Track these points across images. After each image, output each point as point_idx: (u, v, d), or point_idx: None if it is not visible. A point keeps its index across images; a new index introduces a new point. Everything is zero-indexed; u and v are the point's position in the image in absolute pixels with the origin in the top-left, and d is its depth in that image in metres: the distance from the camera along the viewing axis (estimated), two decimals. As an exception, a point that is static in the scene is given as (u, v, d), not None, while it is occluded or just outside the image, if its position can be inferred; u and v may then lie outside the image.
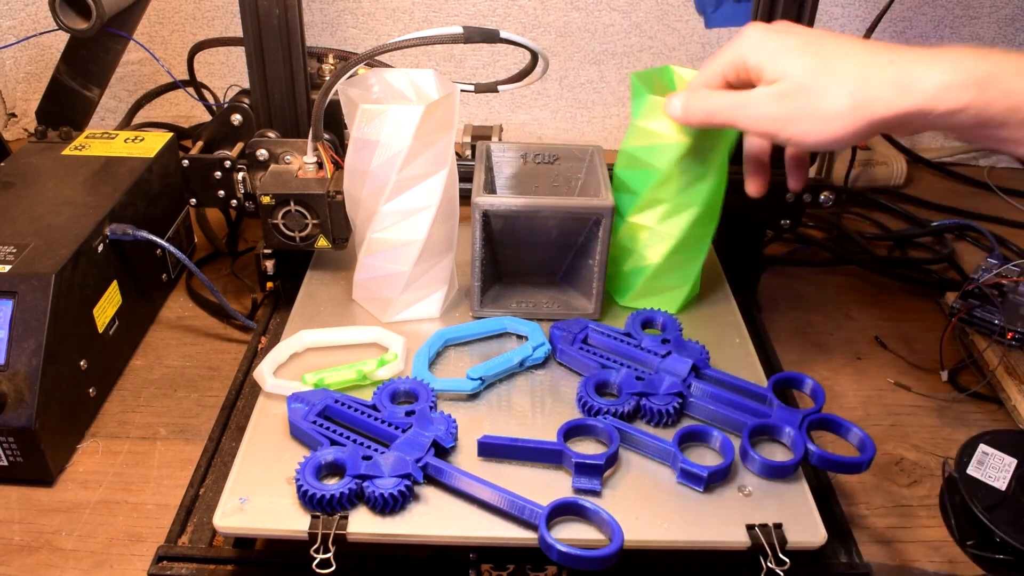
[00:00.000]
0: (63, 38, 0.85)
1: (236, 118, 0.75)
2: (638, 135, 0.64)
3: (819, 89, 0.48)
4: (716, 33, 1.12)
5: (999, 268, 0.78)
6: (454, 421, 0.56)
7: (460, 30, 0.63)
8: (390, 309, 0.67)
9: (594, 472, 0.52)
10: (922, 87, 0.46)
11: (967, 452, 0.61)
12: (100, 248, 0.69)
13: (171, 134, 0.86)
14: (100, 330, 0.69)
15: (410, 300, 0.67)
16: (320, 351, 0.65)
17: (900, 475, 0.65)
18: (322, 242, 0.70)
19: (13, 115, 1.16)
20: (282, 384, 0.60)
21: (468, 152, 0.91)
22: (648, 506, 0.52)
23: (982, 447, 0.61)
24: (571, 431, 0.56)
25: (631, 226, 0.67)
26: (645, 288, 0.69)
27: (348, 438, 0.54)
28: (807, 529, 0.51)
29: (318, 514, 0.50)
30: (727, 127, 0.55)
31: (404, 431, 0.54)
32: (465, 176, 0.67)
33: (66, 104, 0.88)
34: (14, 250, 0.64)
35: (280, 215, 0.69)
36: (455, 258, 0.69)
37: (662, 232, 0.66)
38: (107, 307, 0.70)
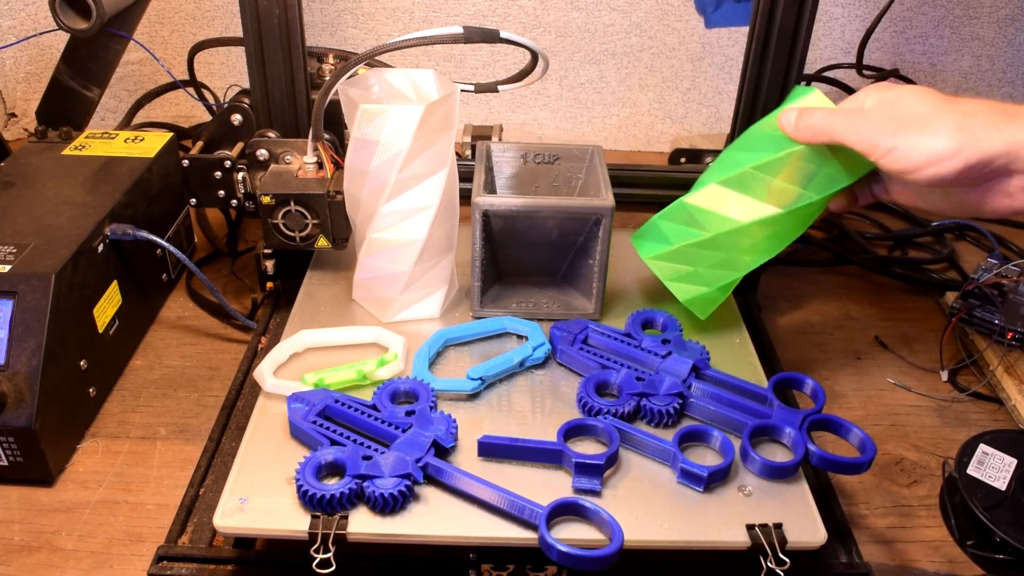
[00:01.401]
0: (63, 38, 0.85)
1: (236, 118, 0.75)
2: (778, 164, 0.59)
3: (931, 115, 0.50)
4: (716, 33, 1.12)
5: (999, 268, 0.78)
6: (454, 421, 0.56)
7: (460, 30, 0.63)
8: (390, 309, 0.67)
9: (594, 472, 0.52)
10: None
11: (967, 452, 0.61)
12: (100, 248, 0.69)
13: (171, 134, 0.86)
14: (100, 330, 0.69)
15: (410, 300, 0.67)
16: (320, 351, 0.65)
17: (900, 475, 0.65)
18: (322, 242, 0.70)
19: (13, 115, 1.16)
20: (282, 384, 0.60)
21: (468, 152, 0.91)
22: (648, 506, 0.52)
23: (982, 447, 0.61)
24: (571, 431, 0.56)
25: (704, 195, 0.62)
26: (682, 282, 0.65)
27: (348, 438, 0.54)
28: (807, 529, 0.51)
29: (318, 514, 0.50)
30: (832, 143, 0.55)
31: (404, 431, 0.54)
32: (465, 176, 0.67)
33: (66, 104, 0.88)
34: (14, 250, 0.64)
35: (280, 215, 0.69)
36: (455, 258, 0.69)
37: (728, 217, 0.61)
38: (107, 307, 0.70)
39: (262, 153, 0.71)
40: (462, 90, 0.65)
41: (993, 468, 0.60)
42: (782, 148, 0.58)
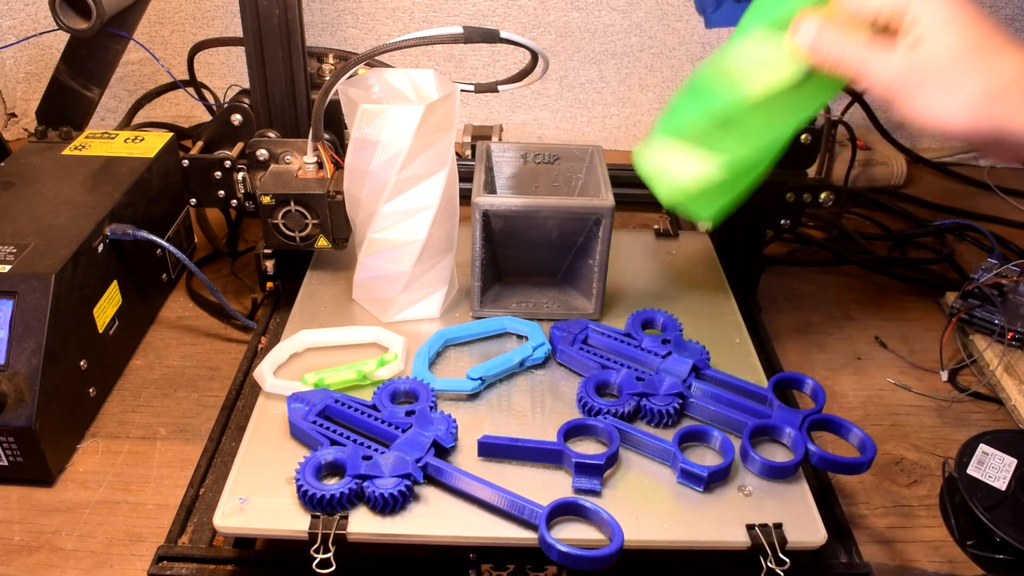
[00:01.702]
0: (63, 38, 0.85)
1: (236, 118, 0.75)
2: (755, 45, 0.53)
3: (962, 71, 0.46)
4: (716, 33, 1.12)
5: (999, 268, 0.78)
6: (454, 421, 0.56)
7: (460, 30, 0.63)
8: (390, 309, 0.67)
9: (594, 472, 0.52)
10: None
11: (967, 452, 0.61)
12: (100, 248, 0.69)
13: (171, 134, 0.86)
14: (100, 330, 0.69)
15: (410, 300, 0.67)
16: (320, 351, 0.65)
17: (900, 475, 0.65)
18: (322, 242, 0.70)
19: (13, 115, 1.16)
20: (282, 384, 0.60)
21: (468, 152, 0.91)
22: (648, 506, 0.52)
23: (982, 447, 0.61)
24: (571, 431, 0.56)
25: (687, 127, 0.57)
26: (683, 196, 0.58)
27: (348, 438, 0.54)
28: (807, 529, 0.51)
29: (318, 514, 0.50)
30: (849, 77, 0.50)
31: (404, 431, 0.54)
32: (465, 176, 0.67)
33: (66, 104, 0.88)
34: (14, 250, 0.64)
35: (280, 215, 0.69)
36: (455, 258, 0.69)
37: (716, 146, 0.56)
38: (107, 307, 0.70)
39: (262, 153, 0.71)
40: (462, 90, 0.65)
41: (993, 468, 0.60)
42: (763, 83, 0.53)
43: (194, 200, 0.74)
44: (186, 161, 0.72)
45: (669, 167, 0.58)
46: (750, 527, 0.51)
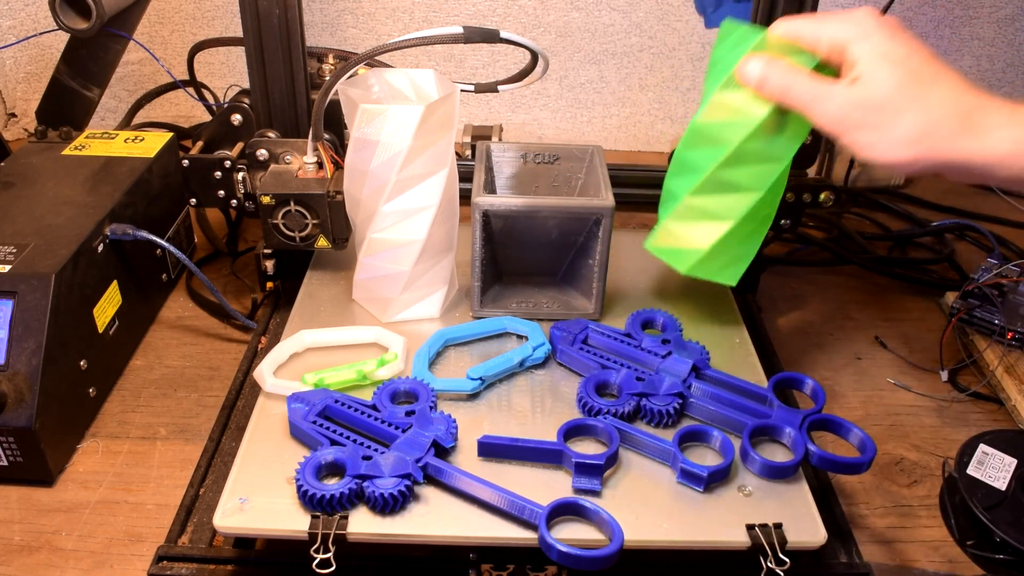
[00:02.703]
0: (63, 38, 0.85)
1: (236, 118, 0.75)
2: (714, 108, 0.59)
3: (898, 110, 0.48)
4: (716, 33, 1.12)
5: (999, 268, 0.78)
6: (454, 421, 0.56)
7: (460, 30, 0.63)
8: (390, 309, 0.67)
9: (594, 472, 0.52)
10: (995, 138, 0.46)
11: (967, 452, 0.61)
12: (100, 248, 0.69)
13: (171, 134, 0.86)
14: (100, 330, 0.69)
15: (410, 300, 0.67)
16: (320, 351, 0.65)
17: (900, 475, 0.65)
18: (322, 242, 0.70)
19: (13, 115, 1.16)
20: (282, 384, 0.60)
21: (468, 152, 0.91)
22: (648, 506, 0.52)
23: (982, 447, 0.61)
24: (571, 431, 0.56)
25: (688, 207, 0.62)
26: (698, 267, 0.64)
27: (348, 438, 0.54)
28: (807, 529, 0.51)
29: (318, 514, 0.50)
30: (795, 110, 0.53)
31: (404, 431, 0.54)
32: (465, 176, 0.67)
33: (66, 104, 0.88)
34: (14, 250, 0.64)
35: (280, 215, 0.69)
36: (455, 258, 0.69)
37: (719, 214, 0.61)
38: (107, 307, 0.70)
39: (262, 153, 0.71)
40: (462, 90, 0.65)
41: (993, 468, 0.60)
42: (735, 137, 0.58)
43: (194, 200, 0.74)
44: (186, 161, 0.72)
45: (680, 244, 0.63)
46: (750, 527, 0.51)
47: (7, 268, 0.63)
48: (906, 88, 0.48)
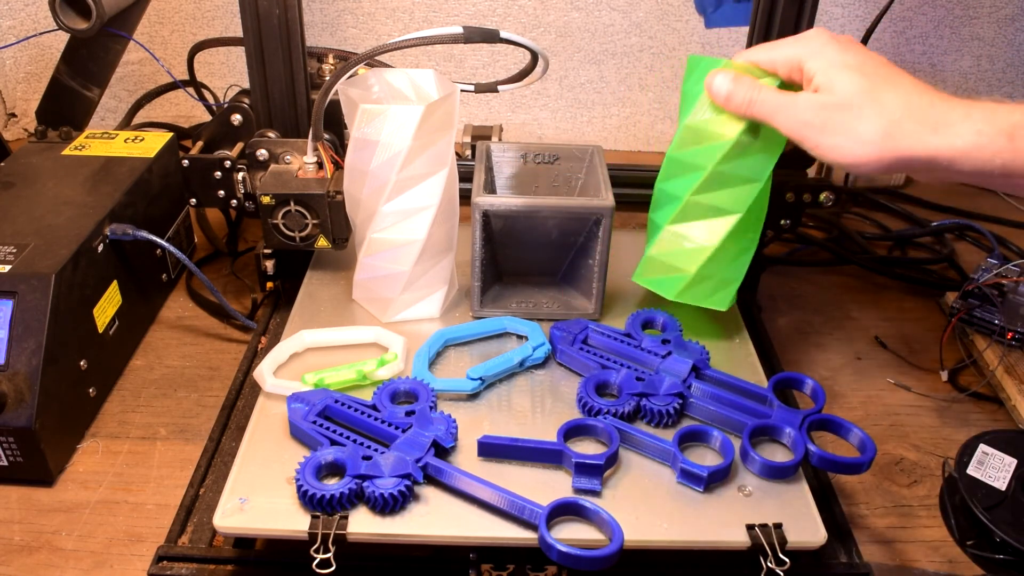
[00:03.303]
0: (63, 38, 0.85)
1: (236, 118, 0.75)
2: (685, 138, 0.61)
3: (859, 111, 0.50)
4: (716, 33, 1.12)
5: (999, 268, 0.78)
6: (454, 421, 0.56)
7: (460, 30, 0.63)
8: (390, 309, 0.67)
9: (594, 472, 0.52)
10: (955, 132, 0.47)
11: (967, 452, 0.61)
12: (100, 248, 0.69)
13: (171, 134, 0.86)
14: (100, 330, 0.69)
15: (410, 300, 0.67)
16: (320, 351, 0.65)
17: (900, 475, 0.65)
18: (322, 242, 0.70)
19: (13, 115, 1.16)
20: (282, 384, 0.60)
21: (468, 152, 0.91)
22: (648, 506, 0.52)
23: (982, 447, 0.61)
24: (571, 431, 0.56)
25: (670, 235, 0.64)
26: (686, 292, 0.65)
27: (348, 438, 0.54)
28: (807, 529, 0.51)
29: (318, 514, 0.50)
30: (762, 121, 0.55)
31: (404, 431, 0.54)
32: (465, 176, 0.67)
33: (66, 104, 0.88)
34: (14, 250, 0.64)
35: (280, 215, 0.69)
36: (455, 258, 0.69)
37: (701, 242, 0.63)
38: (107, 307, 0.70)
39: (262, 153, 0.71)
40: (462, 90, 0.65)
41: (993, 468, 0.60)
42: (709, 161, 0.60)
43: (194, 200, 0.74)
44: (186, 161, 0.72)
45: (666, 273, 0.65)
46: (750, 527, 0.51)
47: (7, 268, 0.63)
48: (865, 90, 0.50)
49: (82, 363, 0.66)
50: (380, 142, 0.60)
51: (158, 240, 0.72)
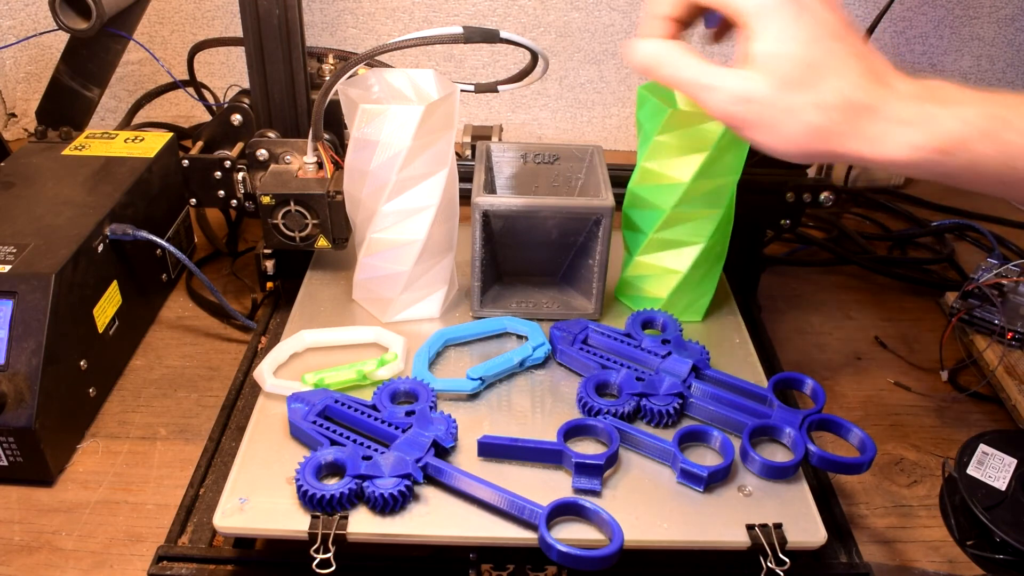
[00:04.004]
0: (63, 38, 0.85)
1: (236, 118, 0.75)
2: (643, 175, 0.64)
3: (789, 106, 0.45)
4: (716, 33, 1.12)
5: (999, 268, 0.78)
6: (454, 421, 0.56)
7: (460, 30, 0.63)
8: (390, 309, 0.67)
9: (594, 472, 0.52)
10: (888, 148, 0.44)
11: (967, 452, 0.61)
12: (100, 248, 0.69)
13: (171, 134, 0.86)
14: (100, 330, 0.69)
15: (410, 300, 0.67)
16: (320, 351, 0.65)
17: (900, 475, 0.65)
18: (322, 242, 0.70)
19: (13, 115, 1.16)
20: (282, 384, 0.60)
21: (468, 152, 0.91)
22: (648, 506, 0.52)
23: (982, 447, 0.61)
24: (571, 431, 0.56)
25: (639, 264, 0.68)
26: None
27: (348, 438, 0.54)
28: (807, 529, 0.51)
29: (318, 514, 0.50)
30: (691, 97, 0.49)
31: (404, 431, 0.54)
32: (465, 176, 0.67)
33: (66, 104, 0.88)
34: (14, 250, 0.64)
35: (280, 215, 0.69)
36: (455, 258, 0.69)
37: (669, 269, 0.67)
38: (107, 307, 0.70)
39: (262, 153, 0.71)
40: (462, 90, 0.65)
41: (993, 468, 0.60)
42: (667, 203, 0.63)
43: (194, 200, 0.74)
44: (186, 161, 0.72)
45: (641, 293, 0.69)
46: (750, 527, 0.51)
47: (7, 268, 0.63)
48: (798, 81, 0.44)
49: (82, 363, 0.66)
50: (380, 142, 0.59)
51: (158, 240, 0.72)
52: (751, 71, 0.45)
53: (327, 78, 0.68)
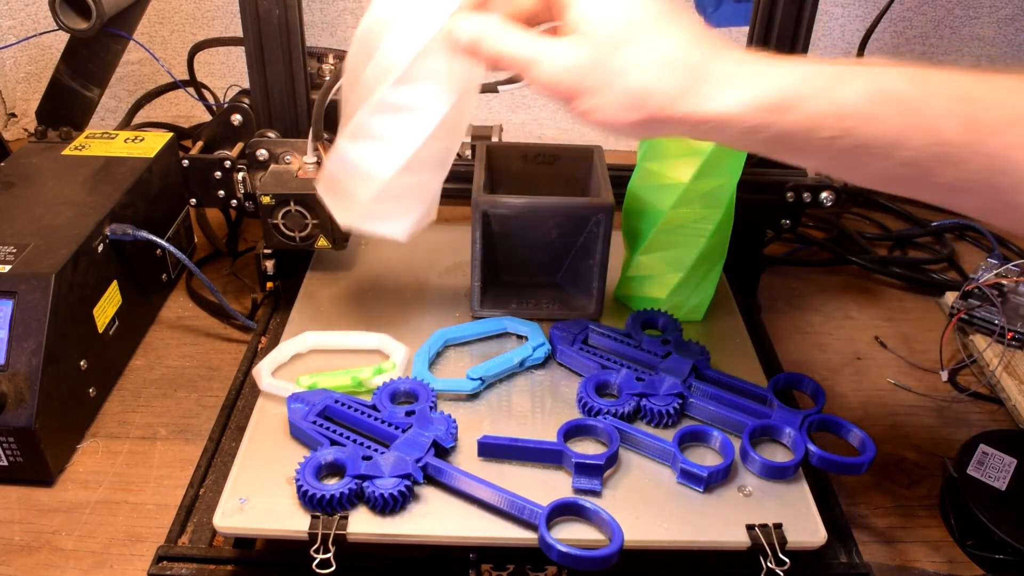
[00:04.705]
0: (63, 38, 0.85)
1: (236, 118, 0.75)
2: (643, 175, 0.65)
3: (615, 68, 0.42)
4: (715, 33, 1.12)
5: (999, 268, 0.78)
6: (454, 421, 0.56)
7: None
8: (353, 212, 0.57)
9: (594, 472, 0.52)
10: (719, 105, 0.42)
11: (967, 452, 0.61)
12: (100, 248, 0.69)
13: (171, 134, 0.86)
14: (100, 330, 0.69)
15: (378, 212, 0.57)
16: (321, 354, 0.65)
17: (900, 475, 0.65)
18: (322, 242, 0.70)
19: (13, 115, 1.16)
20: (277, 384, 0.60)
21: (468, 152, 0.91)
22: (648, 506, 0.52)
23: (982, 447, 0.61)
24: (571, 431, 0.56)
25: (639, 263, 0.68)
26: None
27: (348, 438, 0.54)
28: (807, 529, 0.51)
29: (318, 514, 0.50)
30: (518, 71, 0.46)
31: (404, 431, 0.54)
32: (465, 176, 0.67)
33: (66, 104, 0.88)
34: (14, 250, 0.64)
35: (280, 215, 0.69)
36: (443, 186, 0.59)
37: (669, 269, 0.67)
38: (107, 307, 0.70)
39: (262, 153, 0.71)
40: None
41: (993, 468, 0.60)
42: (665, 204, 0.63)
43: (194, 200, 0.74)
44: (186, 161, 0.72)
45: (641, 293, 0.69)
46: (750, 527, 0.51)
47: (7, 268, 0.63)
48: (623, 42, 0.42)
49: (82, 363, 0.66)
50: (408, 11, 0.49)
51: (158, 240, 0.72)
52: (574, 38, 0.43)
53: (327, 78, 0.67)
